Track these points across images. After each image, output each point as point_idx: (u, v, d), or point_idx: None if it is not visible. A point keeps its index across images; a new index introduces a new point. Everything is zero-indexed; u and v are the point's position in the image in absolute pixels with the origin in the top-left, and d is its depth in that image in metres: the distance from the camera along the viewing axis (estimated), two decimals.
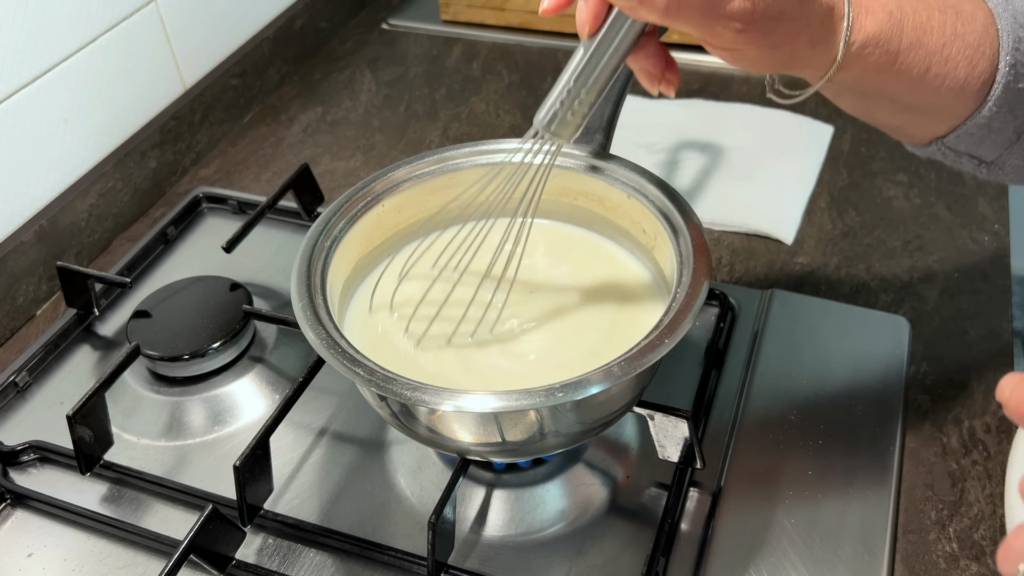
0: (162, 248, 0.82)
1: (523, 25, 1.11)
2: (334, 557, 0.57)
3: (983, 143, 0.50)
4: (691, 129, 0.92)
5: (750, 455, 0.61)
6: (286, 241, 0.82)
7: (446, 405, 0.47)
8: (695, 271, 0.52)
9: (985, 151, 0.51)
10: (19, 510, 0.61)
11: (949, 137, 0.51)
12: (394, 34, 1.15)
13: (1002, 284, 0.73)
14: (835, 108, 0.93)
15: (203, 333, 0.68)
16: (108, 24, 0.82)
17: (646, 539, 0.56)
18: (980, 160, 0.52)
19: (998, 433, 0.62)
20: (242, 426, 0.66)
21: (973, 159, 0.52)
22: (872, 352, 0.67)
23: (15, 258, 0.75)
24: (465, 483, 0.60)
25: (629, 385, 0.52)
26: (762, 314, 0.71)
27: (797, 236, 0.79)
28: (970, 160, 0.52)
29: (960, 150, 0.52)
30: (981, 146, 0.51)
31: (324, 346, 0.49)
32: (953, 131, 0.50)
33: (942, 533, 0.57)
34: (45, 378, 0.70)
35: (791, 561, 0.55)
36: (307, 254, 0.56)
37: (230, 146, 0.97)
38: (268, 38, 1.03)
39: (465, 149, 0.63)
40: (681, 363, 0.67)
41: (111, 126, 0.85)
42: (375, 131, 0.97)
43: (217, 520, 0.55)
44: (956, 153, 0.52)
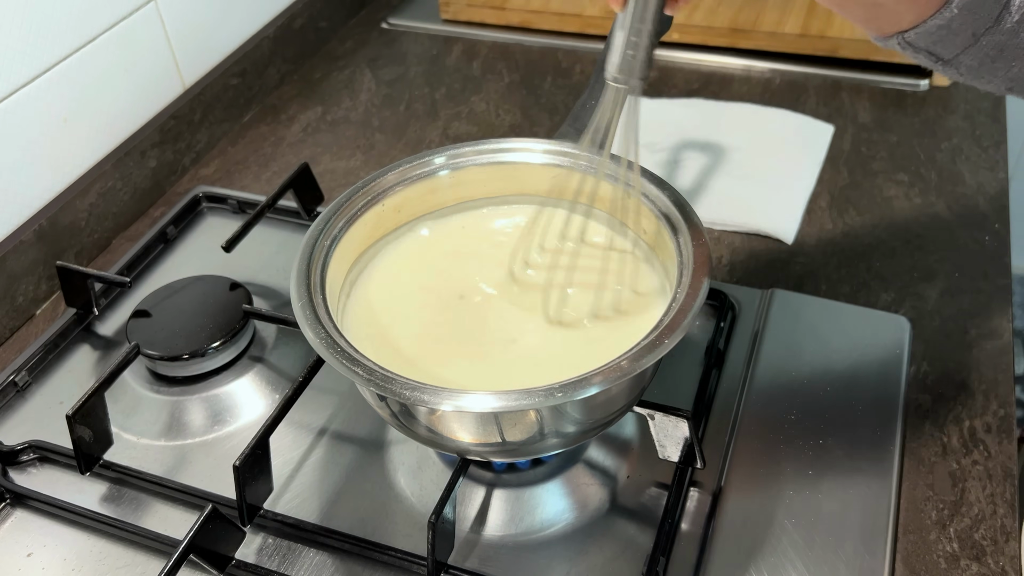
0: (162, 248, 0.82)
1: (523, 24, 1.11)
2: (334, 557, 0.57)
3: (942, 42, 0.52)
4: (691, 129, 0.92)
5: (750, 455, 0.61)
6: (286, 241, 0.82)
7: (446, 405, 0.47)
8: (695, 271, 0.52)
9: (943, 49, 0.53)
10: (19, 510, 0.61)
11: (910, 33, 0.52)
12: (394, 33, 1.15)
13: (1002, 284, 0.73)
14: (835, 108, 0.94)
15: (203, 333, 0.68)
16: (108, 24, 0.82)
17: (646, 539, 0.56)
18: (937, 57, 0.54)
19: (998, 433, 0.62)
20: (242, 426, 0.66)
21: (931, 55, 0.54)
22: (872, 352, 0.67)
23: (15, 258, 0.75)
24: (465, 483, 0.60)
25: (629, 385, 0.52)
26: (762, 314, 0.71)
27: (797, 236, 0.79)
28: (927, 56, 0.54)
29: (919, 46, 0.53)
30: (940, 44, 0.52)
31: (324, 346, 0.49)
32: (915, 27, 0.52)
33: (942, 533, 0.57)
34: (45, 378, 0.70)
35: (791, 561, 0.55)
36: (307, 254, 0.56)
37: (230, 145, 0.97)
38: (268, 37, 1.02)
39: (465, 148, 0.63)
40: (681, 363, 0.67)
41: (111, 126, 0.85)
42: (375, 130, 0.97)
43: (217, 520, 0.55)
44: (915, 48, 0.54)
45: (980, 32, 0.50)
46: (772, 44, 1.01)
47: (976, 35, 0.51)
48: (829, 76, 0.99)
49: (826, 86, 0.98)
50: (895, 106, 0.94)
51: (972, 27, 0.50)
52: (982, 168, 0.85)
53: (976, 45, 0.51)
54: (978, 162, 0.86)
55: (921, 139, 0.90)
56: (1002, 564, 0.55)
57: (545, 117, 0.97)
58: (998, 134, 0.89)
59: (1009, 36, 0.50)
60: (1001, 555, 0.55)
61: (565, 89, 1.01)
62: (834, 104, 0.95)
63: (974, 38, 0.51)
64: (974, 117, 0.92)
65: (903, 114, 0.93)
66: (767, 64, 1.01)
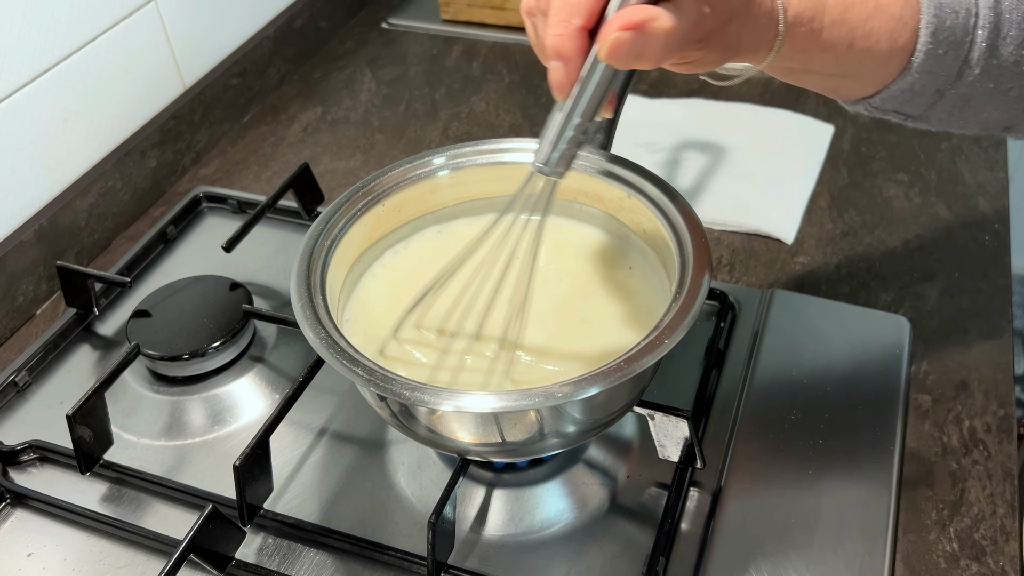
0: (162, 248, 0.82)
1: (523, 24, 1.10)
2: (334, 557, 0.57)
3: (907, 103, 0.53)
4: (691, 129, 0.92)
5: (750, 455, 0.61)
6: (286, 241, 0.82)
7: (446, 405, 0.47)
8: (695, 271, 0.52)
9: (910, 108, 0.53)
10: (19, 510, 0.61)
11: (875, 98, 0.53)
12: (394, 33, 1.15)
13: (1002, 283, 0.73)
14: (835, 108, 0.94)
15: (203, 333, 0.68)
16: (108, 24, 0.82)
17: (646, 539, 0.56)
18: (906, 115, 0.54)
19: (998, 433, 0.62)
20: (242, 426, 0.66)
21: (899, 114, 0.54)
22: (872, 352, 0.67)
23: (15, 257, 0.75)
24: (465, 483, 0.60)
25: (629, 385, 0.52)
26: (762, 314, 0.71)
27: (797, 236, 0.79)
28: (896, 115, 0.55)
29: (886, 108, 0.54)
30: (906, 105, 0.53)
31: (324, 346, 0.49)
32: (878, 93, 0.52)
33: (942, 533, 0.57)
34: (45, 378, 0.70)
35: (791, 561, 0.55)
36: (307, 254, 0.56)
37: (230, 145, 0.97)
38: (268, 37, 1.02)
39: (465, 148, 0.63)
40: (681, 363, 0.67)
41: (111, 126, 0.85)
42: (375, 130, 0.97)
43: (217, 520, 0.55)
44: (882, 111, 0.54)
45: (944, 88, 0.51)
46: None
47: (940, 91, 0.51)
48: None
49: None
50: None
51: (935, 85, 0.51)
52: (982, 168, 0.85)
53: (942, 100, 0.52)
54: (978, 162, 0.86)
55: (921, 139, 0.90)
56: (1002, 564, 0.55)
57: (545, 117, 0.96)
58: None
59: (972, 88, 0.51)
60: (1001, 555, 0.55)
61: None
62: (834, 104, 0.94)
63: (938, 94, 0.51)
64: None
65: None
66: None
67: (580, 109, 0.47)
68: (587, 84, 0.46)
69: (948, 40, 0.49)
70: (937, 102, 0.52)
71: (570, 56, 0.45)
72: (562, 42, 0.45)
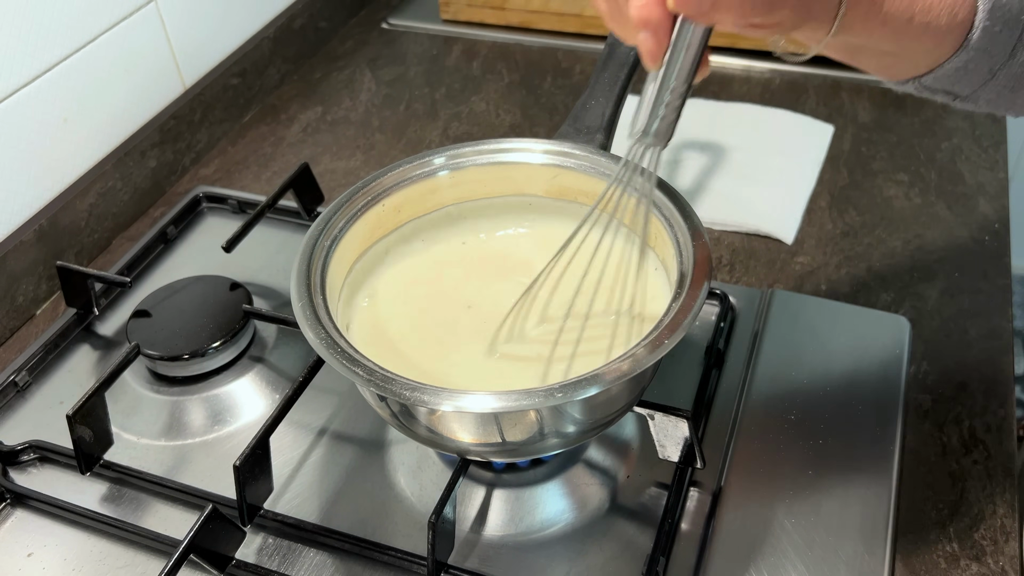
0: (162, 248, 0.82)
1: (523, 24, 1.11)
2: (334, 557, 0.57)
3: (959, 82, 0.52)
4: (691, 129, 0.92)
5: (750, 455, 0.61)
6: (286, 241, 0.82)
7: (446, 405, 0.47)
8: (695, 271, 0.52)
9: (961, 88, 0.53)
10: (19, 510, 0.61)
11: (927, 77, 0.52)
12: (394, 33, 1.15)
13: (1002, 283, 0.73)
14: (835, 107, 0.94)
15: (203, 333, 0.68)
16: (108, 24, 0.82)
17: (646, 539, 0.56)
18: (955, 95, 0.54)
19: (998, 433, 0.62)
20: (242, 426, 0.66)
21: (948, 94, 0.54)
22: (872, 352, 0.67)
23: (15, 258, 0.75)
24: (465, 483, 0.60)
25: (629, 385, 0.52)
26: (762, 314, 0.71)
27: (797, 236, 0.79)
28: (945, 95, 0.54)
29: (937, 88, 0.53)
30: (957, 84, 0.53)
31: (324, 346, 0.49)
32: (931, 72, 0.52)
33: (942, 533, 0.57)
34: (45, 378, 0.70)
35: (791, 561, 0.55)
36: (307, 254, 0.56)
37: (230, 145, 0.97)
38: (268, 38, 1.02)
39: (465, 148, 0.63)
40: (681, 363, 0.67)
41: (111, 126, 0.85)
42: (375, 131, 0.97)
43: (217, 520, 0.55)
44: (932, 90, 0.54)
45: (996, 68, 0.51)
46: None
47: (992, 71, 0.51)
48: (829, 76, 0.99)
49: (826, 86, 0.98)
50: (895, 106, 0.94)
51: (988, 64, 0.50)
52: (982, 168, 0.85)
53: (993, 80, 0.51)
54: (978, 162, 0.86)
55: (921, 139, 0.90)
56: (1002, 564, 0.55)
57: (545, 117, 0.97)
58: (998, 134, 0.89)
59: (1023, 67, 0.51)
60: (1001, 555, 0.55)
61: (565, 89, 1.01)
62: (834, 104, 0.95)
63: (990, 74, 0.51)
64: (974, 117, 0.92)
65: (903, 114, 0.93)
66: (767, 64, 1.01)
67: (674, 74, 0.47)
68: (678, 49, 0.46)
69: (1004, 18, 0.49)
70: (988, 82, 0.52)
71: (658, 23, 0.46)
72: (647, 11, 0.45)
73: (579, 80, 1.02)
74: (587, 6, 1.08)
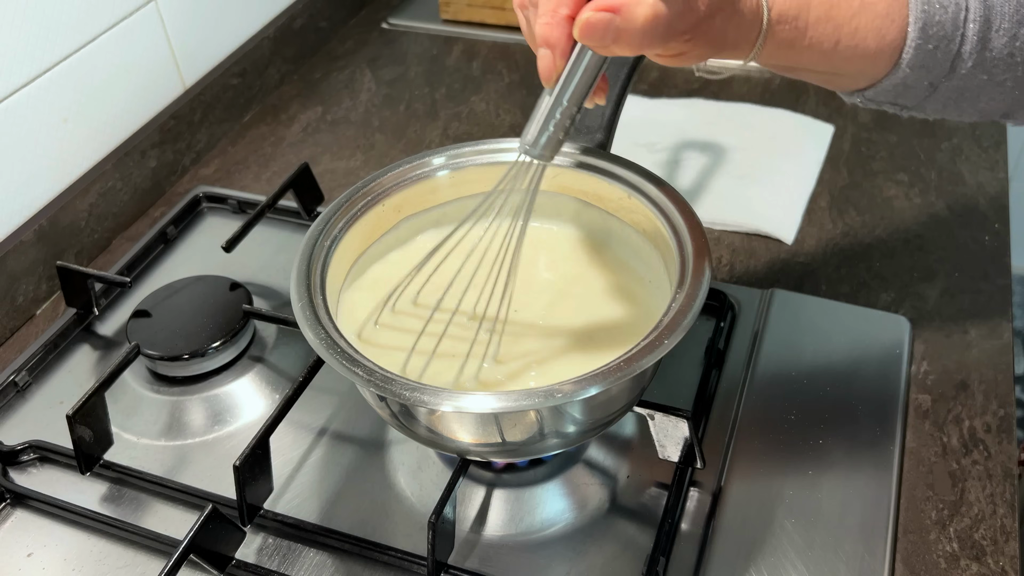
0: (162, 248, 0.82)
1: None
2: (334, 557, 0.57)
3: (901, 96, 0.53)
4: (691, 129, 0.92)
5: (750, 455, 0.61)
6: (286, 241, 0.82)
7: (446, 405, 0.47)
8: (695, 271, 0.52)
9: (904, 100, 0.54)
10: (19, 510, 0.61)
11: (868, 91, 0.53)
12: (394, 33, 1.15)
13: (1002, 284, 0.73)
14: (835, 108, 0.94)
15: (203, 333, 0.68)
16: (108, 24, 0.82)
17: (646, 539, 0.56)
18: (901, 106, 0.55)
19: (998, 433, 0.62)
20: (242, 426, 0.66)
21: (894, 105, 0.55)
22: (872, 352, 0.67)
23: (15, 258, 0.75)
24: (465, 483, 0.60)
25: (629, 385, 0.52)
26: (762, 314, 0.71)
27: (797, 236, 0.79)
28: (891, 106, 0.55)
29: (880, 100, 0.54)
30: (899, 98, 0.53)
31: (323, 346, 0.49)
32: (871, 87, 0.53)
33: (942, 533, 0.57)
34: (45, 378, 0.70)
35: (791, 561, 0.55)
36: (307, 254, 0.56)
37: (230, 145, 0.97)
38: (268, 37, 1.02)
39: (465, 148, 0.63)
40: (681, 363, 0.67)
41: (111, 126, 0.85)
42: (375, 131, 0.97)
43: (217, 520, 0.55)
44: (876, 103, 0.55)
45: (937, 82, 0.51)
46: None
47: (933, 84, 0.51)
48: None
49: None
50: None
51: (927, 79, 0.51)
52: (982, 168, 0.85)
53: (936, 93, 0.52)
54: (978, 162, 0.86)
55: (921, 139, 0.90)
56: (1002, 564, 0.55)
57: None
58: (998, 134, 0.89)
59: (966, 80, 0.51)
60: (1001, 555, 0.55)
61: None
62: (834, 104, 0.95)
63: (931, 88, 0.52)
64: (974, 122, 0.92)
65: None
66: None
67: (567, 95, 0.49)
68: (574, 71, 0.48)
69: (938, 35, 0.49)
70: (931, 95, 0.52)
71: (556, 43, 0.47)
72: (549, 30, 0.47)
73: None
74: None
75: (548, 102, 0.49)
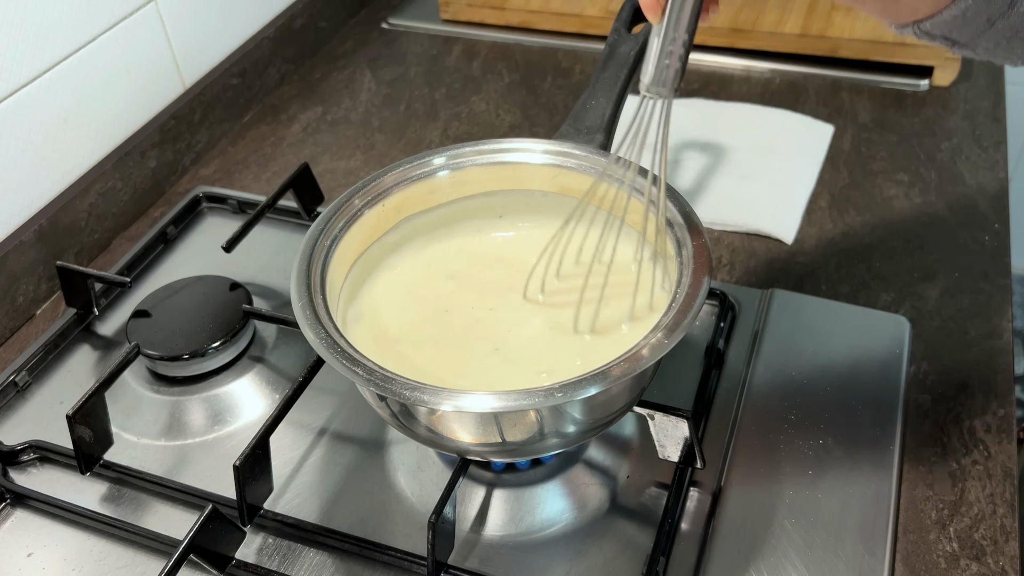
0: (162, 248, 0.82)
1: (523, 24, 1.11)
2: (334, 557, 0.57)
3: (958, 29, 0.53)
4: (691, 129, 0.92)
5: (750, 455, 0.61)
6: (286, 241, 0.82)
7: (446, 405, 0.47)
8: (695, 271, 0.52)
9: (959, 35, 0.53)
10: (19, 510, 0.61)
11: (925, 23, 0.53)
12: (394, 33, 1.15)
13: (1002, 283, 0.73)
14: (835, 107, 0.94)
15: (203, 333, 0.68)
16: (108, 24, 0.82)
17: (646, 539, 0.56)
18: (954, 42, 0.54)
19: (998, 433, 0.62)
20: (242, 426, 0.66)
21: (947, 40, 0.54)
22: (872, 352, 0.67)
23: (15, 258, 0.75)
24: (465, 483, 0.60)
25: (629, 385, 0.52)
26: (762, 314, 0.71)
27: (797, 236, 0.79)
28: (944, 40, 0.55)
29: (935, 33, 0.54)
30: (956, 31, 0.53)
31: (324, 346, 0.49)
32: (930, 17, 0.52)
33: (942, 533, 0.57)
34: (45, 378, 0.70)
35: (791, 561, 0.55)
36: (307, 254, 0.56)
37: (230, 145, 0.97)
38: (268, 37, 1.02)
39: (466, 148, 0.63)
40: (681, 363, 0.67)
41: (111, 126, 0.85)
42: (375, 130, 0.97)
43: (217, 520, 0.55)
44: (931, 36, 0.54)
45: (995, 18, 0.51)
46: (772, 44, 1.01)
47: (991, 20, 0.51)
48: (829, 76, 0.99)
49: (826, 86, 0.98)
50: (895, 106, 0.94)
51: (987, 14, 0.51)
52: (982, 168, 0.85)
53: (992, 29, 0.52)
54: (978, 162, 0.86)
55: (921, 139, 0.90)
56: (1002, 564, 0.55)
57: (545, 117, 0.97)
58: (998, 134, 0.89)
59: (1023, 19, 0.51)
60: (1001, 555, 0.55)
61: (565, 89, 1.01)
62: (834, 104, 0.95)
63: (989, 23, 0.51)
64: (974, 117, 0.92)
65: (903, 114, 0.93)
66: (767, 64, 1.01)
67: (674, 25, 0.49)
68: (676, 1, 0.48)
69: None
70: (986, 31, 0.52)
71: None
72: None
73: (579, 80, 1.02)
74: (587, 6, 1.08)
75: (658, 39, 0.49)
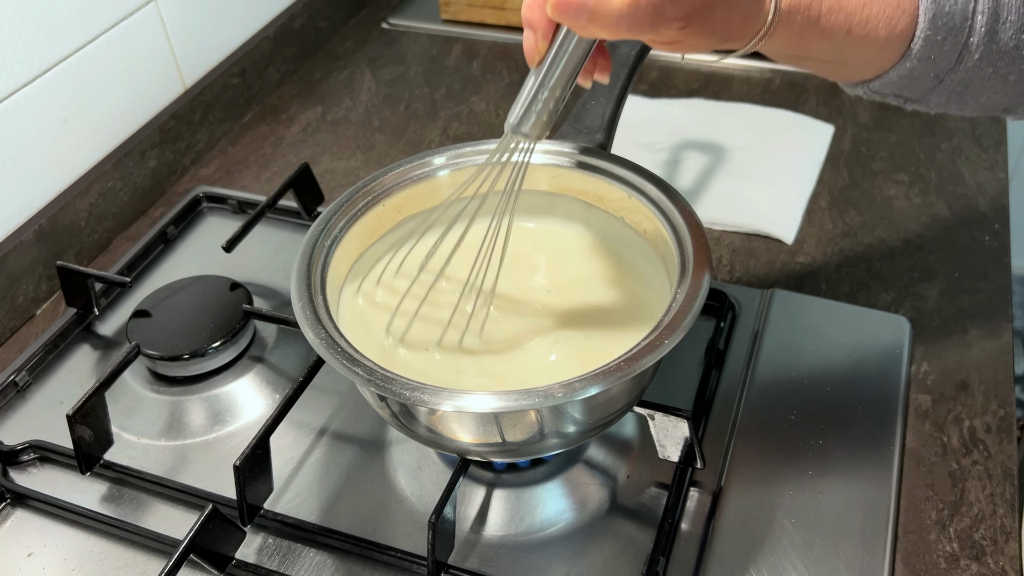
0: (162, 248, 0.82)
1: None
2: (334, 557, 0.57)
3: (906, 88, 0.53)
4: (691, 129, 0.92)
5: (750, 455, 0.61)
6: (286, 241, 0.82)
7: (446, 405, 0.47)
8: (695, 271, 0.52)
9: (908, 92, 0.54)
10: (19, 510, 0.61)
11: (874, 83, 0.53)
12: (394, 33, 1.15)
13: (1002, 283, 0.73)
14: (835, 107, 0.94)
15: (203, 333, 0.68)
16: (108, 24, 0.82)
17: (646, 539, 0.56)
18: (905, 99, 0.55)
19: (998, 433, 0.62)
20: (242, 426, 0.66)
21: (898, 97, 0.55)
22: (872, 352, 0.67)
23: (15, 258, 0.75)
24: (465, 483, 0.60)
25: (629, 385, 0.52)
26: (762, 314, 0.71)
27: (797, 236, 0.79)
28: (895, 98, 0.55)
29: (885, 92, 0.54)
30: (905, 90, 0.53)
31: (324, 346, 0.49)
32: (877, 78, 0.53)
33: (942, 533, 0.57)
34: (45, 378, 0.70)
35: (791, 561, 0.55)
36: (307, 254, 0.56)
37: (230, 145, 0.97)
38: (268, 37, 1.02)
39: (466, 148, 0.63)
40: (681, 363, 0.67)
41: (111, 126, 0.85)
42: (375, 130, 0.97)
43: (217, 520, 0.55)
44: (881, 94, 0.55)
45: (942, 74, 0.51)
46: None
47: (939, 77, 0.51)
48: None
49: (826, 86, 0.98)
50: (895, 106, 0.94)
51: (933, 71, 0.51)
52: (982, 168, 0.85)
53: (941, 86, 0.52)
54: (978, 162, 0.86)
55: (921, 139, 0.90)
56: (1002, 564, 0.55)
57: None
58: (998, 134, 0.89)
59: (972, 73, 0.51)
60: (1001, 555, 0.55)
61: None
62: (834, 104, 0.95)
63: (937, 80, 0.51)
64: (974, 117, 0.92)
65: (903, 114, 0.93)
66: (767, 64, 1.01)
67: (551, 77, 0.49)
68: (558, 52, 0.49)
69: (947, 26, 0.49)
70: (936, 87, 0.52)
71: (537, 24, 0.48)
72: (530, 11, 0.48)
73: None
74: None
75: (532, 82, 0.50)
